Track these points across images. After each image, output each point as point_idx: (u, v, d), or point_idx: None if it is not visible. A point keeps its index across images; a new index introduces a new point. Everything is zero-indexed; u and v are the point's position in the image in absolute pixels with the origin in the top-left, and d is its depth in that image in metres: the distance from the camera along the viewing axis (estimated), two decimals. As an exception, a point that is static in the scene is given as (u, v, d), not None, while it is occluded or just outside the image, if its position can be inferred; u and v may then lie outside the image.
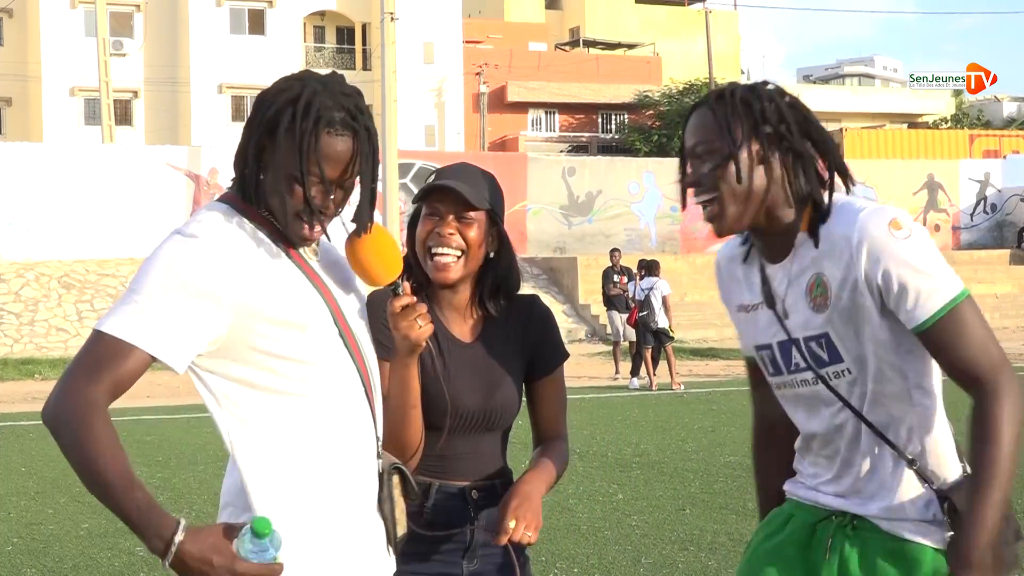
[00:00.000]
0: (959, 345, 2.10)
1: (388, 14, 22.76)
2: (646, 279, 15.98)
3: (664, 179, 29.15)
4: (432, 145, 41.09)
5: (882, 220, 2.11)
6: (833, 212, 2.19)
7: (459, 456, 2.42)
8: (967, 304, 2.12)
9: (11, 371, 18.34)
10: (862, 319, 2.15)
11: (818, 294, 2.20)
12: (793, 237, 2.23)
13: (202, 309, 1.94)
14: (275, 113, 2.02)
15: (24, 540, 6.77)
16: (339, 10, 43.26)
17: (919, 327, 2.11)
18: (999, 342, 2.18)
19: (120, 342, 1.91)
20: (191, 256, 1.95)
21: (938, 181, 32.67)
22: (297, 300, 2.03)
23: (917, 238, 2.12)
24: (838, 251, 2.15)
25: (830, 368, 2.21)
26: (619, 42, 52.46)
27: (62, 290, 21.62)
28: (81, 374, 1.91)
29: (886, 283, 2.11)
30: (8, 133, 39.33)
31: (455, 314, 2.45)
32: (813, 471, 2.34)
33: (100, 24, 28.67)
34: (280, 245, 2.06)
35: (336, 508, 2.06)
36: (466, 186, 2.36)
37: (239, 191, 2.08)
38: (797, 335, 2.24)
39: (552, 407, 2.51)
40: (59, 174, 23.66)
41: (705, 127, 2.20)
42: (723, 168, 2.17)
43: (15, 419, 12.88)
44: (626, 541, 6.44)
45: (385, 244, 2.15)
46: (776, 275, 2.28)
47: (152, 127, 40.07)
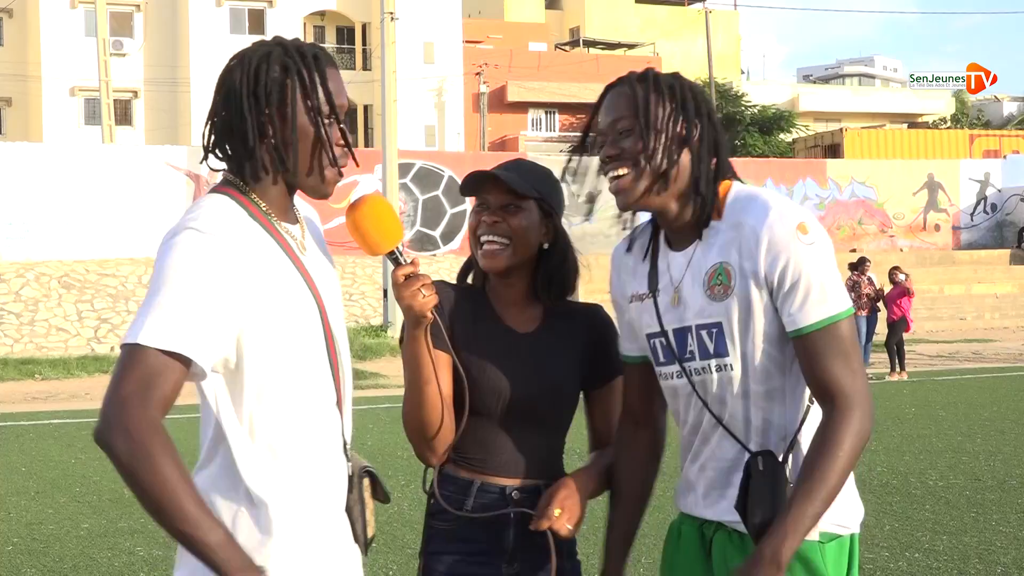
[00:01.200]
0: (828, 360, 2.12)
1: (388, 14, 22.74)
2: None
3: (664, 179, 29.12)
4: (432, 145, 41.08)
5: (791, 221, 2.13)
6: (743, 202, 2.21)
7: (503, 450, 2.39)
8: (847, 323, 2.14)
9: (11, 371, 18.33)
10: (754, 314, 2.17)
11: (718, 283, 2.20)
12: (699, 225, 2.25)
13: (224, 306, 1.92)
14: (278, 68, 2.02)
15: (24, 540, 6.77)
16: (339, 10, 43.25)
17: (797, 331, 2.13)
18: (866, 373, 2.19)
19: (157, 353, 1.85)
20: (206, 252, 1.91)
21: (938, 181, 32.65)
22: (294, 298, 2.04)
23: (820, 246, 2.14)
24: (744, 241, 2.17)
25: (713, 360, 2.22)
26: (619, 42, 52.44)
27: (62, 290, 21.61)
28: (136, 398, 1.84)
29: (780, 281, 2.13)
30: (8, 133, 39.32)
31: (511, 306, 2.45)
32: (688, 476, 2.36)
33: (100, 24, 28.66)
34: (276, 239, 2.05)
35: (303, 505, 2.05)
36: (512, 175, 2.37)
37: (237, 173, 2.06)
38: (690, 322, 2.24)
39: (608, 416, 2.47)
40: (59, 174, 23.66)
41: (628, 104, 2.23)
42: (644, 144, 2.20)
43: (15, 419, 12.88)
44: (626, 541, 6.43)
45: (384, 212, 2.15)
46: (675, 261, 2.29)
47: (152, 127, 40.07)
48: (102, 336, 20.96)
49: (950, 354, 21.17)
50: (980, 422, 11.46)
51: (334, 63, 2.09)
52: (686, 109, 2.23)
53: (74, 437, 11.10)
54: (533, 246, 2.40)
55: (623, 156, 2.23)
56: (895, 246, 31.87)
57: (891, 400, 13.65)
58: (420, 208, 26.94)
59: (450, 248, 27.05)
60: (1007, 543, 6.39)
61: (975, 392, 14.43)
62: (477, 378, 2.37)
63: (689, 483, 2.36)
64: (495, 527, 2.37)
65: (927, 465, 8.98)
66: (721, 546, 2.29)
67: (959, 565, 5.92)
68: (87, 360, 19.35)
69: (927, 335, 24.63)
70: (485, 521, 2.37)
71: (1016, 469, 8.75)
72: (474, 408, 2.37)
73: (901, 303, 17.19)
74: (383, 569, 5.97)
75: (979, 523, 6.88)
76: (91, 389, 16.40)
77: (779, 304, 2.14)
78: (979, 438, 10.36)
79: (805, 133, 43.63)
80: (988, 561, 6.00)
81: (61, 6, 39.38)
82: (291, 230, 2.11)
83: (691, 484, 2.36)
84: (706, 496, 2.31)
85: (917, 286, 20.71)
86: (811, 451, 2.11)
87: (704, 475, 2.32)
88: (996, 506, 7.37)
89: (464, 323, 2.42)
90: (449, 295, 2.43)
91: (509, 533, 2.36)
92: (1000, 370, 17.65)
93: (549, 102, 47.09)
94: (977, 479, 8.31)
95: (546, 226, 2.42)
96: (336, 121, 2.06)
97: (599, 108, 2.29)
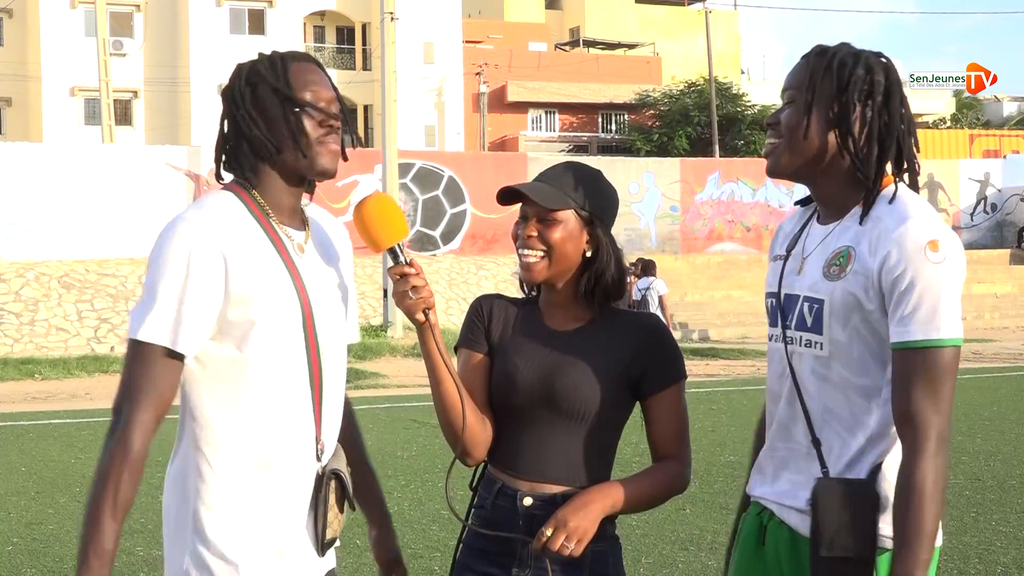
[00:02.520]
0: (915, 383, 2.08)
1: (388, 14, 22.73)
2: (643, 279, 15.99)
3: (664, 179, 29.14)
4: (432, 145, 41.09)
5: (925, 234, 2.10)
6: (894, 200, 2.20)
7: (526, 449, 2.37)
8: (952, 353, 2.09)
9: (11, 371, 18.31)
10: (857, 305, 2.16)
11: (836, 263, 2.20)
12: (846, 206, 2.25)
13: (209, 293, 2.05)
14: (249, 75, 2.17)
15: (24, 540, 6.77)
16: (339, 10, 43.24)
17: (900, 344, 2.10)
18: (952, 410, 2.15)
19: (154, 348, 2.03)
20: (194, 240, 2.04)
21: (938, 181, 32.65)
22: (274, 295, 2.10)
23: (947, 268, 2.09)
24: (876, 238, 2.15)
25: (807, 334, 2.22)
26: (619, 42, 52.44)
27: (62, 290, 21.60)
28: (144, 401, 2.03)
29: (893, 288, 2.10)
30: (8, 133, 39.33)
31: (556, 311, 2.45)
32: (761, 458, 2.37)
33: (100, 24, 28.65)
34: (270, 237, 2.14)
35: (265, 503, 2.11)
36: (544, 187, 2.35)
37: (239, 173, 2.19)
38: (801, 292, 2.25)
39: (664, 426, 2.40)
40: (59, 174, 23.65)
41: (797, 76, 2.26)
42: (796, 118, 2.22)
43: (15, 419, 12.86)
44: (626, 541, 6.40)
45: (388, 208, 2.21)
46: (815, 234, 2.30)
47: (152, 127, 40.06)
48: (102, 336, 20.96)
49: (950, 354, 21.11)
50: (980, 422, 11.45)
51: (312, 62, 2.22)
52: (853, 91, 2.21)
53: (74, 437, 11.09)
54: (572, 256, 2.36)
55: (778, 126, 2.26)
56: (895, 246, 31.86)
57: (891, 400, 13.63)
58: (420, 208, 26.93)
59: (450, 248, 27.04)
60: (1007, 543, 6.39)
61: (975, 392, 14.41)
62: (505, 374, 2.38)
63: (759, 465, 2.37)
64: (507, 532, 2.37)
65: (927, 465, 8.97)
66: (774, 538, 2.29)
67: (959, 565, 5.92)
68: (87, 360, 19.33)
69: (927, 335, 24.57)
70: (498, 526, 2.38)
71: (1016, 469, 8.74)
72: (499, 404, 2.39)
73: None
74: (383, 569, 5.96)
75: (979, 523, 6.88)
76: (91, 389, 16.39)
77: (890, 311, 2.12)
78: (979, 438, 10.36)
79: (805, 133, 43.53)
80: (988, 561, 5.99)
81: (61, 6, 39.37)
82: (290, 231, 2.18)
83: (760, 466, 2.37)
84: (774, 477, 2.31)
85: (917, 286, 20.65)
86: (899, 499, 2.06)
87: (775, 455, 2.32)
88: (996, 506, 7.37)
89: (504, 327, 2.45)
90: (497, 304, 2.48)
91: (517, 543, 2.36)
92: (1000, 370, 17.64)
93: (549, 102, 47.09)
94: (977, 479, 8.30)
95: (588, 234, 2.38)
96: (312, 107, 2.15)
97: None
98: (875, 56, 2.26)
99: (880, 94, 2.21)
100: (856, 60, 2.22)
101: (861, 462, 2.18)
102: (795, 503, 2.25)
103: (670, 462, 2.41)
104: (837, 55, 2.23)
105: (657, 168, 29.92)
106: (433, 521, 7.01)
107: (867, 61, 2.23)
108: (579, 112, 47.91)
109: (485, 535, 2.40)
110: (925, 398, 2.07)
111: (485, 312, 2.46)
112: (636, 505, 2.36)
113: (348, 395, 2.38)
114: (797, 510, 2.24)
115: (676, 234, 29.36)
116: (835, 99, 2.20)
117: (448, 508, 2.43)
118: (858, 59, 2.23)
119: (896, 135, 2.22)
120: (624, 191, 29.12)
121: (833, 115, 2.21)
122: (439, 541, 6.48)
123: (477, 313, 2.47)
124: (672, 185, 29.02)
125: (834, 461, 2.20)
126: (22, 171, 23.43)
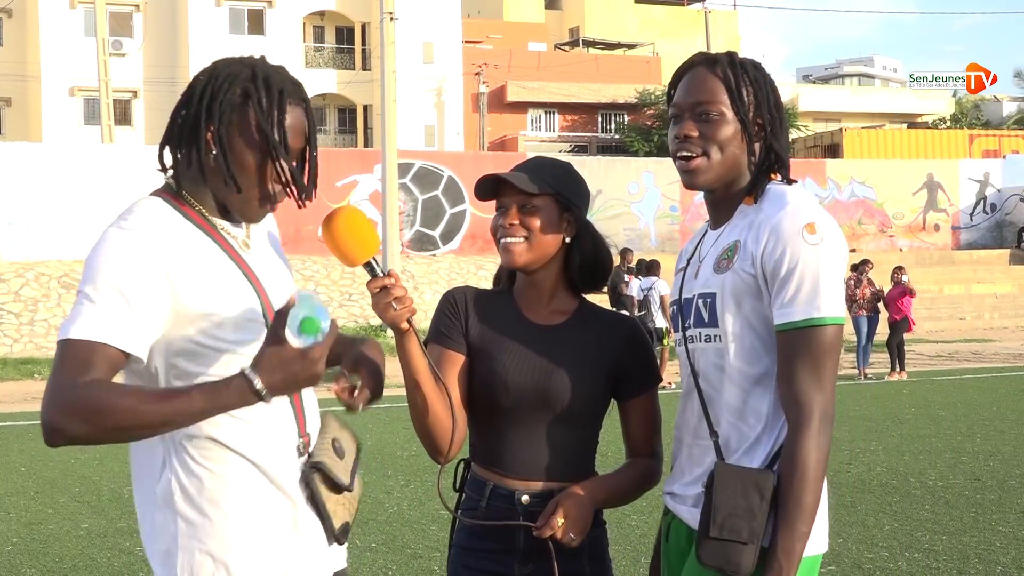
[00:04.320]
0: (798, 364, 2.13)
1: (388, 14, 22.72)
2: (645, 279, 15.97)
3: (664, 179, 29.14)
4: (432, 145, 41.07)
5: (802, 217, 2.16)
6: (774, 194, 2.26)
7: (516, 448, 2.39)
8: (833, 331, 2.14)
9: (11, 371, 18.33)
10: (746, 293, 2.19)
11: (724, 257, 2.25)
12: (734, 207, 2.30)
13: (152, 299, 1.97)
14: (239, 92, 2.06)
15: (24, 540, 6.77)
16: (339, 10, 43.23)
17: (781, 325, 2.15)
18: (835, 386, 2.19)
19: (91, 344, 1.91)
20: (132, 248, 1.97)
21: (938, 181, 32.65)
22: (229, 293, 2.07)
23: (825, 249, 2.14)
24: (757, 226, 2.20)
25: (705, 329, 2.26)
26: (619, 42, 52.43)
27: (62, 290, 21.60)
28: (65, 378, 1.89)
29: (774, 271, 2.15)
30: (8, 133, 39.31)
31: (535, 303, 2.46)
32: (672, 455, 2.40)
33: (100, 24, 28.64)
34: (213, 238, 2.10)
35: (255, 502, 2.08)
36: (522, 175, 2.38)
37: (176, 176, 2.11)
38: (695, 291, 2.30)
39: (640, 428, 2.48)
40: (59, 174, 23.65)
41: (714, 88, 2.25)
42: (724, 131, 2.24)
43: (15, 419, 12.87)
44: (626, 541, 6.43)
45: (359, 223, 2.15)
46: (709, 239, 2.35)
47: (152, 127, 40.03)
48: (102, 336, 20.95)
49: (949, 354, 21.16)
50: (980, 422, 11.46)
51: (302, 98, 2.12)
52: (764, 101, 2.27)
53: (74, 437, 11.09)
54: (553, 241, 2.40)
55: (699, 139, 2.26)
56: (894, 246, 31.87)
57: (890, 400, 13.66)
58: (419, 208, 26.93)
59: (449, 248, 27.04)
60: (1007, 543, 6.39)
61: (975, 392, 14.42)
62: (486, 372, 2.38)
63: (672, 464, 2.42)
64: (506, 531, 2.38)
65: (927, 465, 8.98)
66: (676, 534, 2.34)
67: (959, 565, 5.92)
68: (87, 360, 19.33)
69: (926, 335, 24.62)
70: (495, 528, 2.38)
71: (1016, 469, 8.75)
72: (485, 403, 2.39)
73: (902, 303, 17.16)
74: (383, 569, 5.97)
75: (979, 523, 6.88)
76: (91, 389, 16.38)
77: (772, 295, 2.16)
78: (979, 438, 10.36)
79: (805, 133, 43.60)
80: (988, 561, 6.00)
81: (61, 6, 39.37)
82: (230, 229, 2.15)
83: (672, 464, 2.41)
84: (679, 473, 2.36)
85: (916, 286, 20.69)
86: (782, 476, 2.12)
87: (679, 451, 2.37)
88: (996, 506, 7.37)
89: (482, 322, 2.44)
90: (471, 298, 2.47)
91: (519, 538, 2.37)
92: (1000, 370, 17.65)
93: (548, 102, 47.07)
94: (977, 479, 8.30)
95: (566, 220, 2.42)
96: (282, 158, 2.07)
97: (678, 81, 2.32)
98: (757, 66, 2.32)
99: (773, 96, 2.29)
100: (753, 67, 2.29)
101: (756, 451, 2.21)
102: (688, 496, 2.30)
103: (645, 458, 2.49)
104: (741, 65, 2.28)
105: (657, 168, 29.92)
106: (433, 521, 7.01)
107: (754, 65, 2.30)
108: (579, 112, 47.89)
109: (479, 535, 2.41)
110: (808, 377, 2.12)
111: (460, 307, 2.45)
112: (619, 499, 2.45)
113: None
114: (689, 505, 2.29)
115: (676, 234, 29.36)
116: (757, 109, 2.26)
117: (444, 507, 2.41)
118: (747, 66, 2.29)
119: (786, 134, 2.32)
120: (624, 191, 29.13)
121: (758, 126, 2.27)
122: (439, 541, 6.48)
123: (451, 308, 2.45)
124: (672, 185, 29.00)
125: (731, 452, 2.22)
126: (22, 171, 23.43)
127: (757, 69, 2.30)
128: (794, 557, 2.08)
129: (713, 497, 2.15)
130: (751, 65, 2.30)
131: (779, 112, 2.30)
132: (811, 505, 2.09)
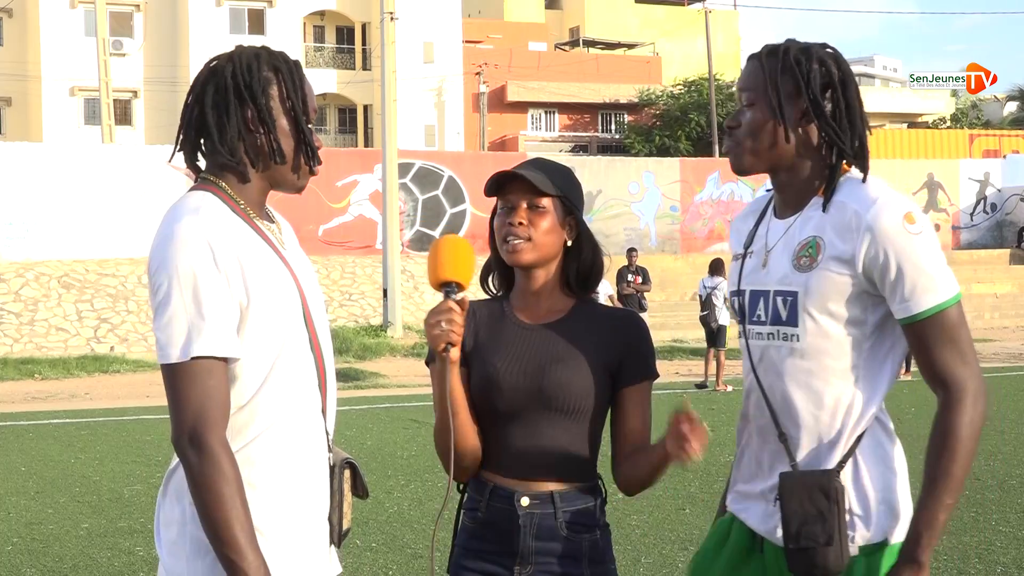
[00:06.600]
0: (938, 347, 2.16)
1: (388, 14, 22.71)
2: (709, 277, 15.94)
3: (664, 179, 29.13)
4: (432, 145, 41.07)
5: (898, 210, 2.17)
6: (850, 187, 2.25)
7: (515, 449, 2.38)
8: (957, 309, 2.17)
9: (11, 371, 18.32)
10: (836, 293, 2.19)
11: (805, 254, 2.23)
12: (805, 198, 2.29)
13: (235, 296, 2.01)
14: (264, 78, 2.12)
15: (24, 540, 6.76)
16: (339, 10, 43.23)
17: (908, 319, 2.16)
18: (977, 354, 2.21)
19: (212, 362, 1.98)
20: (213, 244, 2.00)
21: (938, 181, 32.65)
22: (280, 288, 2.09)
23: (926, 235, 2.17)
24: (845, 224, 2.19)
25: (782, 328, 2.24)
26: (619, 42, 52.44)
27: (62, 290, 21.60)
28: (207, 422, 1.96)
29: (885, 270, 2.15)
30: (8, 133, 39.31)
31: (528, 302, 2.46)
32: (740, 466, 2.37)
33: (100, 24, 28.64)
34: (259, 234, 2.12)
35: (286, 499, 2.09)
36: (536, 174, 2.40)
37: (215, 171, 2.14)
38: (770, 287, 2.28)
39: (636, 419, 2.43)
40: (59, 174, 23.64)
41: (755, 78, 2.28)
42: (760, 119, 2.25)
43: (15, 419, 12.87)
44: (626, 541, 6.43)
45: (463, 249, 2.27)
46: (775, 228, 2.33)
47: (152, 127, 40.05)
48: (102, 336, 20.96)
49: (950, 354, 21.10)
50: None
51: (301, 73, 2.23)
52: (811, 86, 2.25)
53: (74, 437, 11.09)
54: (557, 243, 2.42)
55: (741, 127, 2.29)
56: (895, 246, 31.86)
57: (891, 400, 13.53)
58: (420, 208, 26.92)
59: (450, 248, 27.00)
60: (1007, 543, 6.39)
61: (975, 392, 14.40)
62: (486, 377, 2.38)
63: (735, 463, 2.39)
64: (506, 533, 2.38)
65: (927, 465, 8.97)
66: (738, 533, 2.32)
67: (959, 565, 5.92)
68: (87, 360, 19.34)
69: (927, 335, 24.57)
70: (497, 526, 2.39)
71: (1016, 469, 8.75)
72: (483, 407, 2.39)
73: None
74: (383, 569, 5.97)
75: (979, 523, 6.88)
76: (91, 389, 16.40)
77: (888, 294, 2.17)
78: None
79: (805, 133, 43.55)
80: (988, 561, 6.00)
81: (61, 6, 39.37)
82: (270, 227, 2.18)
83: (736, 464, 2.39)
84: (748, 474, 2.33)
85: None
86: (931, 445, 2.15)
87: (740, 461, 2.35)
88: (996, 506, 7.37)
89: (477, 331, 2.45)
90: (471, 309, 2.45)
91: (519, 539, 2.37)
92: (1000, 370, 17.64)
93: (549, 102, 47.07)
94: (977, 479, 8.30)
95: (569, 223, 2.44)
96: (310, 121, 2.18)
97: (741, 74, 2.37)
98: (823, 48, 2.31)
99: (838, 84, 2.27)
100: (808, 55, 2.27)
101: (832, 451, 2.21)
102: (752, 494, 2.29)
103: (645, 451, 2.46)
104: (789, 52, 2.27)
105: (657, 168, 29.91)
106: (433, 521, 7.01)
107: (818, 54, 2.28)
108: (579, 112, 47.89)
109: (479, 536, 2.40)
110: (950, 357, 2.15)
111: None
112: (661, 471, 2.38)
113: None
114: (752, 502, 2.28)
115: (676, 234, 29.35)
116: (799, 96, 2.24)
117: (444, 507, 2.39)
118: (810, 54, 2.27)
119: (858, 121, 2.28)
120: (624, 191, 29.12)
121: (802, 112, 2.25)
122: (439, 541, 6.47)
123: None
124: (672, 185, 29.00)
125: (802, 454, 2.22)
126: (22, 171, 23.42)
127: (806, 54, 2.27)
128: (936, 527, 2.10)
129: (783, 509, 2.17)
130: (800, 50, 2.27)
131: (834, 96, 2.25)
132: (959, 478, 2.12)
